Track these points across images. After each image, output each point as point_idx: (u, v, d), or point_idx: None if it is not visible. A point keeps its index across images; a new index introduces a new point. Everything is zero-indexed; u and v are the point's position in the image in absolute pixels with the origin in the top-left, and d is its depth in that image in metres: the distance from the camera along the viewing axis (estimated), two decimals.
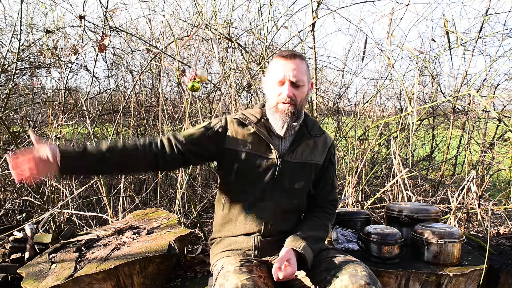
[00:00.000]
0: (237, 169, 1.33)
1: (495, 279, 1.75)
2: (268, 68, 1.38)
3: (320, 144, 1.42)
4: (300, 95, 1.31)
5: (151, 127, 3.69)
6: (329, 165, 1.45)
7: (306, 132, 1.39)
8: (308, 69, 1.36)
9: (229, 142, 1.34)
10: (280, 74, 1.29)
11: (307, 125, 1.41)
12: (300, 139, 1.37)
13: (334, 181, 1.48)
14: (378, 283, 1.14)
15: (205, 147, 1.33)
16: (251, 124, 1.34)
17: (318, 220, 1.39)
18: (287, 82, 1.28)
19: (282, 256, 1.19)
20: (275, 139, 1.36)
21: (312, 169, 1.39)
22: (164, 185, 3.43)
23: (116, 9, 2.86)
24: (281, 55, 1.32)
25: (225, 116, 1.41)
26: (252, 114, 1.38)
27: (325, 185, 1.46)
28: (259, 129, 1.33)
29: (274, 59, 1.35)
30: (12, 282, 1.83)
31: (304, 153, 1.37)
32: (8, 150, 3.06)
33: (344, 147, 3.86)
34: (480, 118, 3.52)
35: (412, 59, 3.53)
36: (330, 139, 1.48)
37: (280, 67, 1.30)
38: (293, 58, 1.29)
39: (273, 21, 3.07)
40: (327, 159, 1.44)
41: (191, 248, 2.49)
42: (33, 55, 3.44)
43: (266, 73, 1.39)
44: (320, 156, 1.41)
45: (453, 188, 3.26)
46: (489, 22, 3.04)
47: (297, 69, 1.29)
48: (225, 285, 1.13)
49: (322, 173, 1.45)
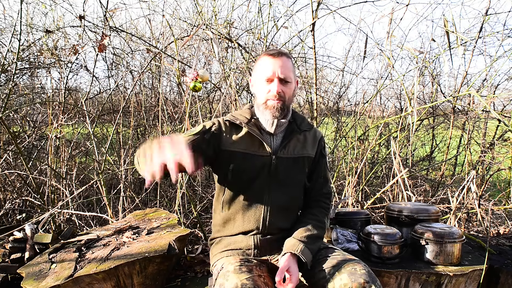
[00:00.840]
0: (233, 169, 1.34)
1: (495, 279, 1.75)
2: (255, 67, 1.41)
3: (310, 138, 1.45)
4: (289, 91, 1.34)
5: (151, 127, 3.69)
6: (320, 158, 1.47)
7: (295, 127, 1.41)
8: (294, 67, 1.39)
9: (225, 143, 1.35)
10: (268, 71, 1.31)
11: (296, 121, 1.44)
12: (290, 134, 1.39)
13: (326, 174, 1.50)
14: (377, 281, 1.15)
15: (205, 151, 1.33)
16: (242, 124, 1.35)
17: (315, 218, 1.39)
18: (276, 79, 1.31)
19: (281, 267, 1.19)
20: (266, 137, 1.38)
21: (305, 162, 1.41)
22: (164, 185, 3.43)
23: (116, 9, 2.86)
24: (268, 53, 1.34)
25: (217, 119, 1.42)
26: (241, 115, 1.40)
27: (318, 178, 1.47)
28: (251, 128, 1.35)
29: (261, 57, 1.38)
30: (12, 282, 1.83)
31: (296, 147, 1.40)
32: (8, 150, 3.06)
33: (344, 147, 3.86)
34: (480, 118, 3.52)
35: (412, 59, 3.54)
36: (320, 133, 1.50)
37: (268, 65, 1.32)
38: (280, 56, 1.32)
39: (273, 21, 3.07)
40: (318, 152, 1.46)
41: (191, 248, 2.49)
42: (33, 55, 3.44)
43: (253, 73, 1.41)
44: (311, 149, 1.43)
45: (453, 188, 3.26)
46: (489, 22, 3.04)
47: (284, 66, 1.31)
48: (225, 285, 1.13)
49: (314, 166, 1.46)
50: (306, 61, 3.53)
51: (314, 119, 2.94)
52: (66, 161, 3.12)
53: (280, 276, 1.17)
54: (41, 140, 3.48)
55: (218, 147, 1.35)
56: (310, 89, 3.53)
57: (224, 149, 1.35)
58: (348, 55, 3.64)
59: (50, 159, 2.97)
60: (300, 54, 3.44)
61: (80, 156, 3.62)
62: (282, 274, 1.17)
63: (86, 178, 3.44)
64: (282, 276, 1.17)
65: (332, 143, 3.90)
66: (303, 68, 3.63)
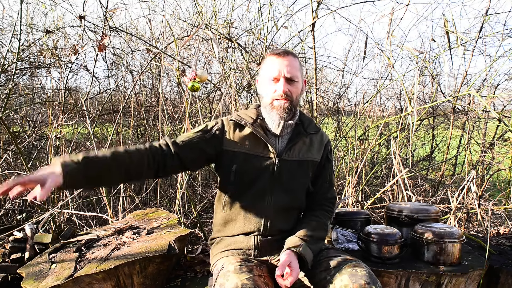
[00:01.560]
0: (236, 170, 1.33)
1: (495, 279, 1.75)
2: (262, 67, 1.39)
3: (317, 141, 1.43)
4: (295, 91, 1.32)
5: (151, 127, 3.69)
6: (326, 162, 1.45)
7: (302, 130, 1.40)
8: (301, 66, 1.37)
9: (227, 143, 1.34)
10: (274, 71, 1.30)
11: (303, 123, 1.42)
12: (296, 137, 1.38)
13: (332, 179, 1.48)
14: (378, 282, 1.14)
15: (204, 150, 1.33)
16: (247, 125, 1.34)
17: (317, 220, 1.38)
18: (282, 79, 1.30)
19: (282, 262, 1.18)
20: (272, 138, 1.37)
21: (310, 166, 1.40)
22: (164, 185, 3.43)
23: (116, 9, 2.86)
24: (274, 52, 1.33)
25: (221, 118, 1.41)
26: (247, 115, 1.39)
27: (323, 182, 1.46)
28: (256, 129, 1.34)
29: (267, 57, 1.37)
30: (12, 282, 1.83)
31: (301, 150, 1.38)
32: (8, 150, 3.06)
33: (344, 147, 3.86)
34: (480, 118, 3.52)
35: (412, 59, 3.53)
36: (326, 137, 1.48)
37: (274, 64, 1.31)
38: (287, 55, 1.31)
39: (273, 21, 3.07)
40: (323, 156, 1.44)
41: (191, 248, 2.49)
42: (33, 55, 3.44)
43: (260, 73, 1.40)
44: (317, 153, 1.42)
45: (453, 188, 3.26)
46: (489, 22, 3.04)
47: (291, 65, 1.30)
48: (225, 285, 1.13)
49: (320, 171, 1.45)
50: (306, 61, 3.53)
51: (314, 119, 2.94)
52: None
53: (281, 271, 1.15)
54: (41, 140, 3.48)
55: (219, 146, 1.34)
56: (310, 89, 3.53)
57: (226, 149, 1.34)
58: (348, 55, 3.64)
59: (50, 159, 2.97)
60: (300, 54, 3.44)
61: None
62: (283, 268, 1.16)
63: None
64: (283, 271, 1.16)
65: (332, 143, 3.90)
66: (303, 68, 3.63)
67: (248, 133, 1.35)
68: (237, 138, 1.35)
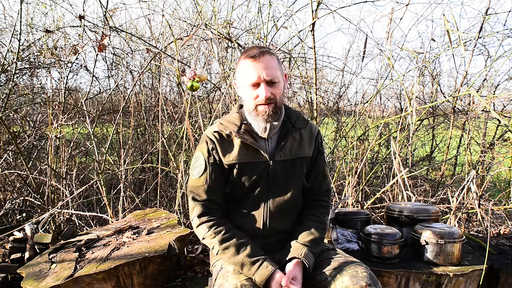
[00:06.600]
0: (232, 180, 1.33)
1: (495, 279, 1.75)
2: (238, 71, 1.32)
3: (306, 135, 1.40)
4: (278, 92, 1.27)
5: (151, 127, 3.69)
6: (317, 155, 1.43)
7: (290, 126, 1.36)
8: (279, 62, 1.31)
9: (223, 158, 1.32)
10: (253, 76, 1.23)
11: (291, 119, 1.38)
12: (285, 135, 1.34)
13: (325, 170, 1.46)
14: (378, 284, 1.14)
15: (222, 176, 1.34)
16: (232, 134, 1.30)
17: (316, 219, 1.37)
18: (262, 84, 1.23)
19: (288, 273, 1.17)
20: (261, 141, 1.33)
21: (303, 163, 1.38)
22: (164, 185, 3.43)
23: (116, 9, 2.86)
24: (248, 55, 1.24)
25: (205, 135, 1.35)
26: (230, 122, 1.34)
27: (317, 175, 1.43)
28: (243, 137, 1.29)
29: (241, 61, 1.28)
30: (12, 282, 1.83)
31: (292, 148, 1.35)
32: (8, 150, 3.06)
33: (344, 147, 3.86)
34: (480, 118, 3.52)
35: (412, 59, 3.53)
36: (316, 128, 1.45)
37: (251, 69, 1.24)
38: (262, 56, 1.23)
39: (273, 21, 3.07)
40: (315, 150, 1.42)
41: (191, 248, 2.49)
42: (33, 55, 3.44)
43: (236, 75, 1.34)
44: (308, 148, 1.39)
45: (453, 188, 3.26)
46: (489, 22, 3.04)
47: (269, 66, 1.23)
48: (224, 285, 1.13)
49: (312, 164, 1.42)
50: (306, 61, 3.53)
51: (314, 119, 2.94)
52: (66, 161, 3.12)
53: (286, 283, 1.14)
54: (41, 140, 3.48)
55: (222, 163, 1.33)
56: (310, 89, 3.53)
57: (224, 163, 1.32)
58: (348, 55, 3.64)
59: (50, 159, 2.97)
60: (300, 54, 3.44)
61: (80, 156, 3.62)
62: (288, 280, 1.15)
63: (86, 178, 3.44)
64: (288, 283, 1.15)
65: (332, 143, 3.90)
66: (303, 68, 3.64)
67: (237, 142, 1.32)
68: (228, 150, 1.32)
